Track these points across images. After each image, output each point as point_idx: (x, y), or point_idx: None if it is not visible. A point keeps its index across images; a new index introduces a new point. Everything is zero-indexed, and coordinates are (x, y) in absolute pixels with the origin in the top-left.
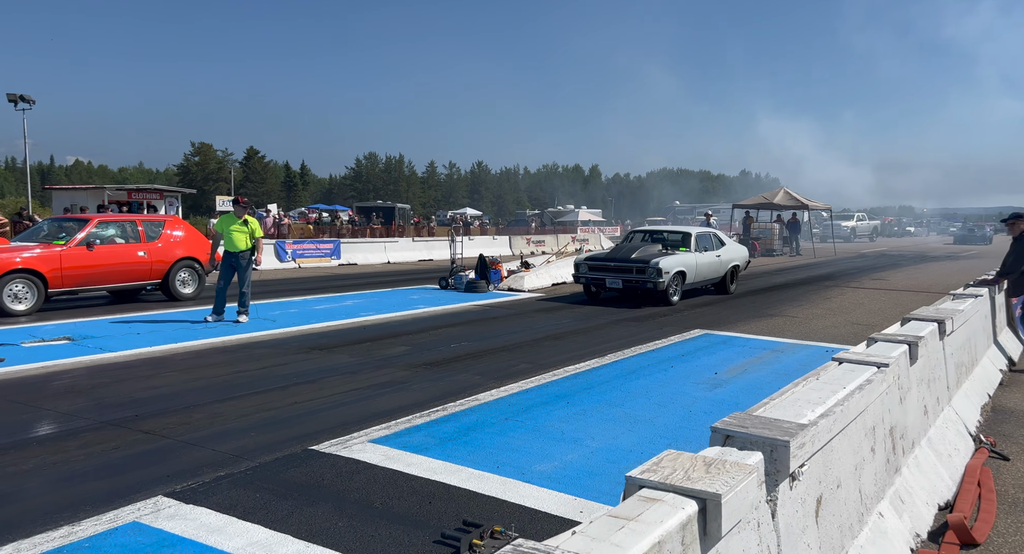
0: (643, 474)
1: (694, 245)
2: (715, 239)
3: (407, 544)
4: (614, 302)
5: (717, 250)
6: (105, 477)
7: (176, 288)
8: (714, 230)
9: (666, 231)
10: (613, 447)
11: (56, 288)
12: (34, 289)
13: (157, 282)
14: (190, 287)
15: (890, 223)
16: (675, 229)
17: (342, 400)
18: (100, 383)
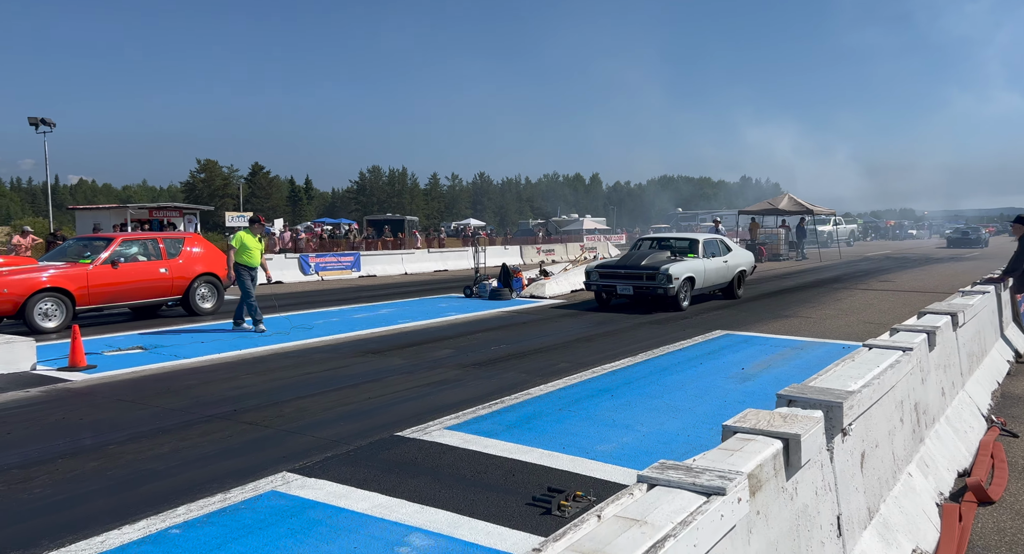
0: (736, 423)
1: (702, 251)
2: (722, 245)
3: (503, 506)
4: (626, 308)
5: (724, 256)
6: (232, 458)
7: (196, 303)
8: (720, 236)
9: (674, 238)
10: (662, 431)
11: (83, 305)
12: (63, 307)
13: (178, 298)
14: (210, 302)
15: (892, 226)
16: (683, 236)
17: (408, 395)
18: (190, 384)
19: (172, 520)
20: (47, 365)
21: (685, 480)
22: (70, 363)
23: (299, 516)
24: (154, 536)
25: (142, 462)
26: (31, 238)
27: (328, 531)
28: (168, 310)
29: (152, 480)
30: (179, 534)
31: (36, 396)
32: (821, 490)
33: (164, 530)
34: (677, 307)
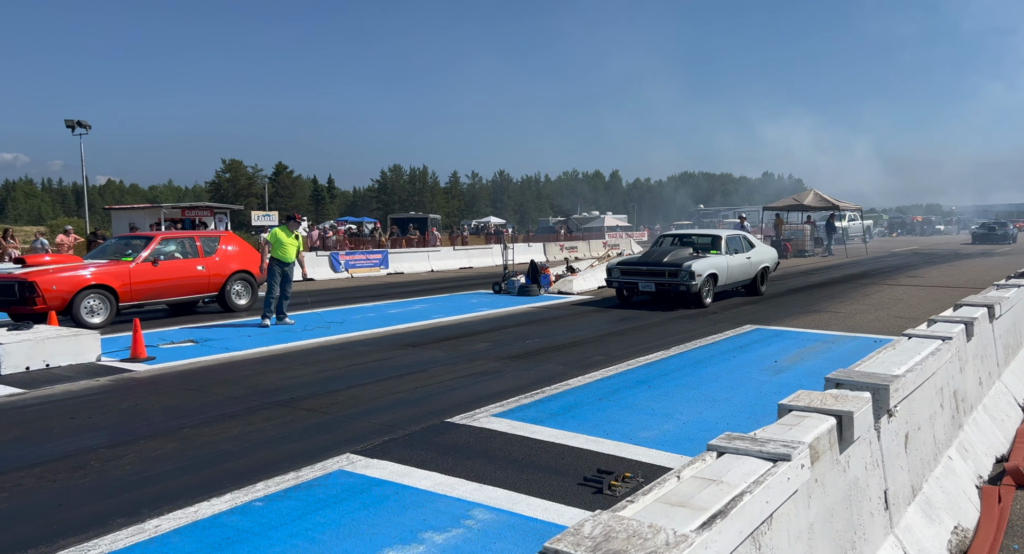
0: (791, 402)
1: (725, 248)
2: (745, 241)
3: (556, 485)
4: (651, 304)
5: (747, 252)
6: (297, 440)
7: (232, 300)
8: (744, 232)
9: (696, 235)
10: (701, 419)
11: (126, 302)
12: (107, 303)
13: (214, 295)
14: (244, 298)
15: (919, 222)
16: (705, 232)
17: (453, 385)
18: (245, 374)
19: (254, 494)
20: (110, 357)
21: (752, 448)
22: (132, 355)
23: (368, 492)
24: (240, 507)
25: (216, 443)
26: (73, 237)
27: (396, 505)
28: (204, 306)
29: (228, 460)
30: (263, 506)
31: (106, 384)
32: (870, 465)
33: (249, 502)
34: (700, 304)
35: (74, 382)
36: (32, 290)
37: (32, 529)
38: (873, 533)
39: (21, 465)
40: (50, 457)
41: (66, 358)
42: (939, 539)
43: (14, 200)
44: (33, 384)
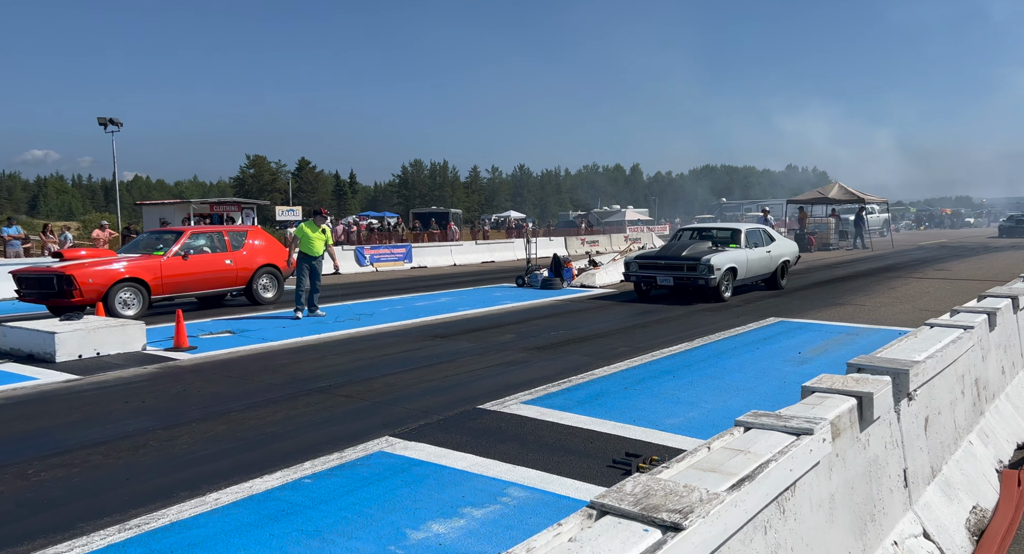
0: (814, 384)
1: (744, 241)
2: (765, 235)
3: (586, 467)
4: (672, 298)
5: (767, 246)
6: (338, 424)
7: (259, 293)
8: (763, 226)
9: (715, 228)
10: (725, 407)
11: (158, 295)
12: (140, 296)
13: (241, 288)
14: (271, 292)
15: (948, 215)
16: (724, 226)
17: (482, 374)
18: (283, 363)
19: (302, 472)
20: (154, 346)
21: (777, 424)
22: (175, 344)
23: (408, 471)
24: (291, 483)
25: (263, 426)
26: (108, 232)
27: (436, 483)
28: (232, 299)
29: (275, 441)
30: (312, 483)
31: (154, 372)
32: (889, 445)
33: (298, 479)
34: (718, 298)
35: (124, 369)
36: (70, 283)
37: (106, 499)
38: (892, 508)
39: (87, 443)
40: (112, 437)
41: (115, 347)
42: (957, 517)
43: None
44: (87, 371)
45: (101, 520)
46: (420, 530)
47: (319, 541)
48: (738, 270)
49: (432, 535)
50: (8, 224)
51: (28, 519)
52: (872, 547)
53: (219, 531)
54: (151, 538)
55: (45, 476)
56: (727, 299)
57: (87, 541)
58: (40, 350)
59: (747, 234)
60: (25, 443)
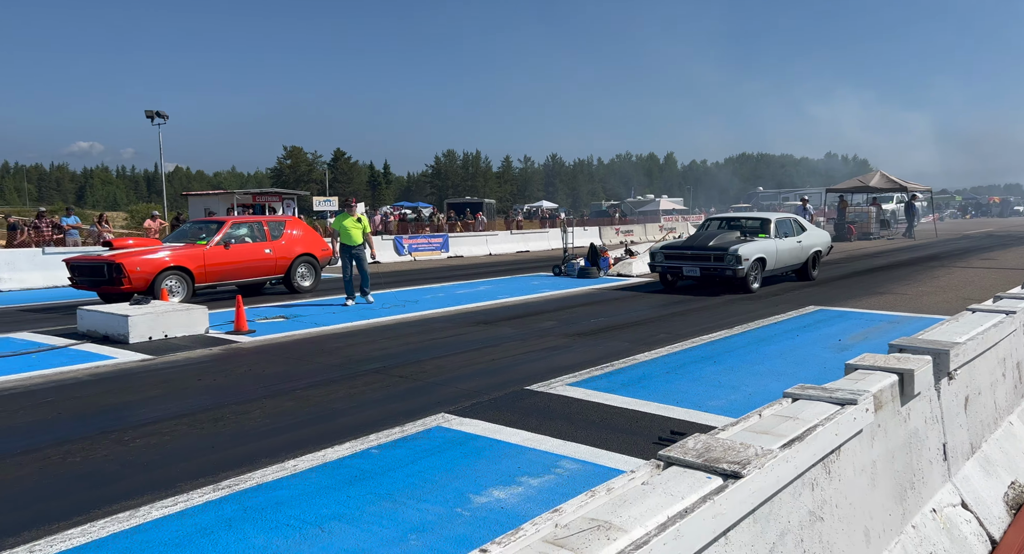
0: (857, 362)
1: (774, 231)
2: (795, 224)
3: (633, 443)
4: (702, 289)
5: (798, 236)
6: (396, 402)
7: (297, 281)
8: (795, 215)
9: (744, 218)
10: (766, 391)
11: (201, 283)
12: (184, 284)
13: (280, 277)
14: (308, 280)
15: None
16: (753, 215)
17: (526, 358)
18: (338, 346)
19: (368, 444)
20: (216, 329)
21: (823, 395)
22: (235, 328)
23: (466, 444)
24: (360, 453)
25: (327, 403)
26: (159, 222)
27: (493, 455)
28: (271, 288)
29: (340, 416)
30: (378, 454)
31: (219, 353)
32: (929, 420)
33: (366, 449)
34: (746, 289)
35: (191, 350)
36: (119, 271)
37: (197, 464)
38: (931, 478)
39: (172, 415)
40: (192, 410)
41: (180, 330)
42: (995, 491)
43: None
44: (158, 351)
45: (196, 481)
46: (482, 495)
47: (391, 503)
48: (767, 261)
49: (494, 500)
50: (67, 214)
51: (133, 478)
52: (912, 512)
53: (301, 492)
54: (243, 496)
55: (140, 443)
56: (755, 290)
57: (187, 497)
58: (115, 332)
59: (777, 223)
60: (117, 414)
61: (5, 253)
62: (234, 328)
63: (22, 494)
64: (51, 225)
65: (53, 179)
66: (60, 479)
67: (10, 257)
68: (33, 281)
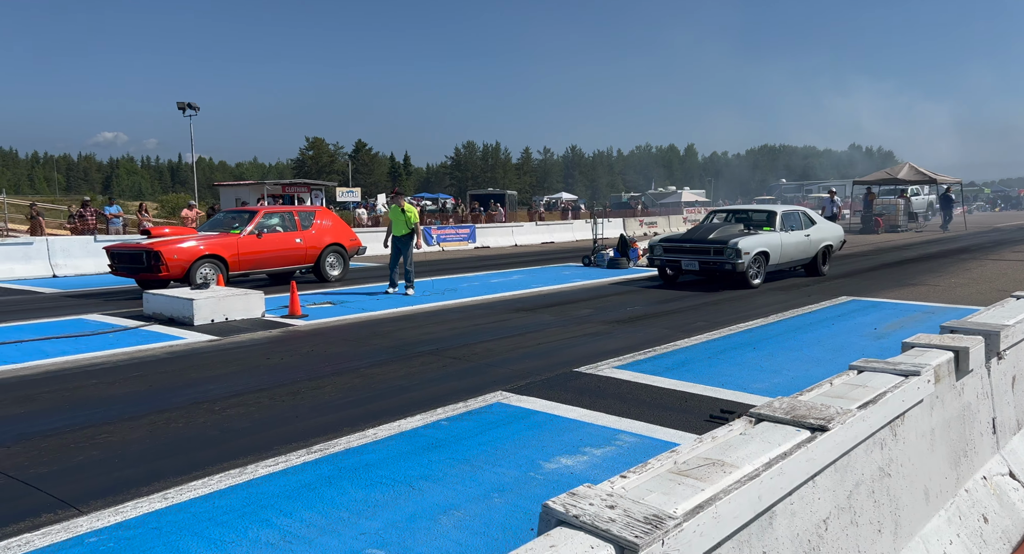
0: (912, 340)
1: (779, 224)
2: (804, 217)
3: (685, 420)
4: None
5: (806, 229)
6: (454, 380)
7: (326, 271)
8: (803, 208)
9: (750, 210)
10: (807, 376)
11: (234, 271)
12: (218, 272)
13: (309, 266)
14: (337, 269)
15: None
16: (758, 208)
17: (569, 343)
18: (388, 330)
19: (437, 416)
20: (271, 314)
21: (887, 368)
22: (290, 312)
23: (527, 419)
24: (432, 424)
25: (391, 381)
26: (195, 211)
27: (554, 428)
28: (300, 276)
29: (406, 392)
30: (447, 425)
31: (279, 335)
32: (980, 395)
33: (436, 421)
34: (747, 284)
35: (253, 332)
36: (158, 259)
37: (287, 431)
38: (982, 448)
39: (251, 389)
40: (269, 385)
41: (239, 313)
42: None
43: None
44: (223, 332)
45: (289, 445)
46: (551, 462)
47: (469, 467)
48: (770, 255)
49: (562, 466)
50: (110, 203)
51: (233, 441)
52: (964, 477)
53: (385, 456)
54: (335, 458)
55: (231, 412)
56: (756, 286)
57: (286, 459)
58: (180, 314)
59: (783, 216)
60: (202, 387)
61: (61, 241)
62: (288, 312)
63: (142, 453)
64: (95, 214)
65: (81, 169)
66: (170, 441)
67: (65, 244)
68: (86, 267)
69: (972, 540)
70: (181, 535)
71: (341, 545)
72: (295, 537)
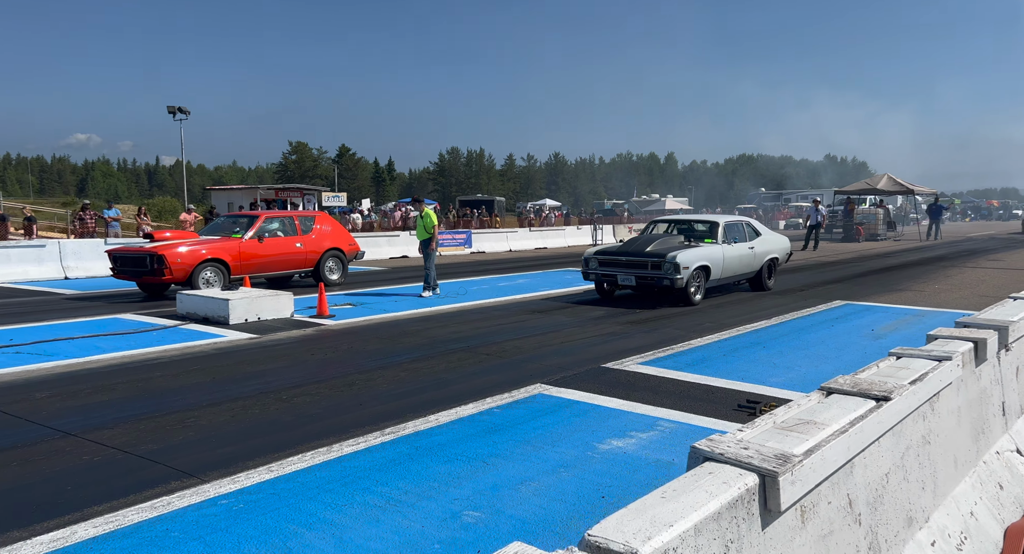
0: (936, 333)
1: (721, 236)
2: (748, 229)
3: (716, 409)
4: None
5: (751, 241)
6: (493, 374)
7: (325, 275)
8: (749, 219)
9: (692, 220)
10: (817, 372)
11: (236, 275)
12: (220, 275)
13: (309, 270)
14: (336, 274)
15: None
16: (701, 218)
17: (591, 342)
18: (416, 329)
19: (487, 405)
20: (300, 314)
21: (923, 354)
22: (317, 312)
23: (571, 408)
24: (484, 411)
25: (436, 374)
26: (194, 215)
27: (598, 416)
28: (300, 280)
29: (451, 384)
30: (500, 412)
31: (314, 334)
32: (993, 382)
33: (488, 409)
34: (687, 301)
35: (288, 331)
36: (161, 262)
37: (356, 416)
38: (994, 427)
39: (308, 381)
40: (322, 378)
41: (271, 313)
42: None
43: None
44: (259, 331)
45: (363, 428)
46: (604, 443)
47: (530, 447)
48: (711, 269)
49: (614, 446)
50: (108, 207)
51: (310, 425)
52: (983, 451)
53: (453, 438)
54: (408, 439)
55: (298, 401)
56: (697, 303)
57: (364, 439)
58: (215, 314)
59: (725, 228)
60: (261, 379)
61: (72, 244)
62: (316, 312)
63: (233, 433)
64: (95, 217)
65: (55, 171)
66: (253, 424)
67: (76, 247)
68: (97, 270)
69: (991, 503)
70: (299, 499)
71: (440, 508)
72: (397, 501)
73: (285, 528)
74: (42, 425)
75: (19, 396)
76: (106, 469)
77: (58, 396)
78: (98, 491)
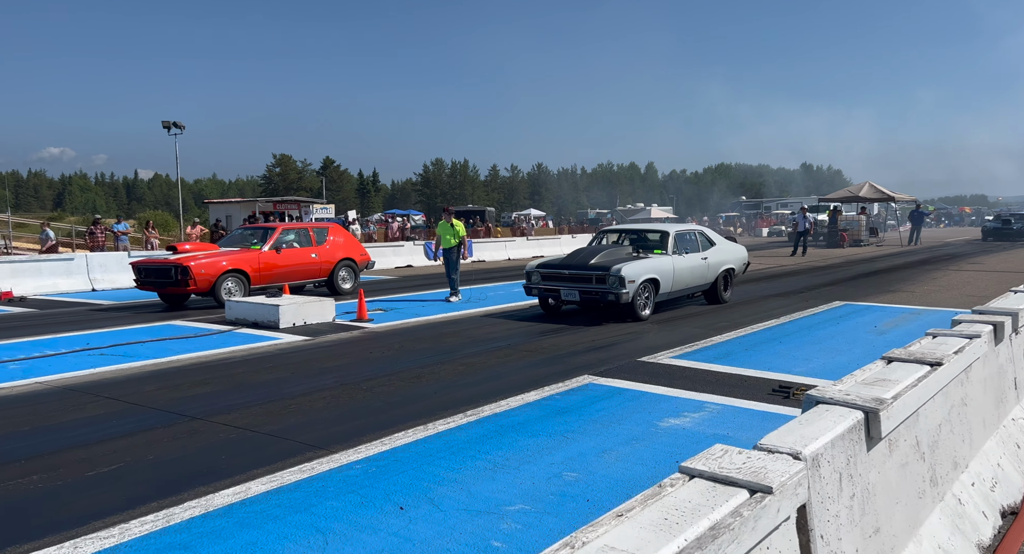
0: (959, 318)
1: (672, 246)
2: (702, 239)
3: (752, 394)
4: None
5: (703, 252)
6: (541, 367)
7: (339, 284)
8: (702, 229)
9: (643, 230)
10: (833, 363)
11: (256, 285)
12: (241, 286)
13: (323, 280)
14: (348, 283)
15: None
16: (651, 227)
17: (619, 339)
18: (452, 331)
19: (546, 393)
20: (340, 319)
21: (954, 333)
22: (358, 316)
23: (622, 395)
24: (547, 397)
25: (489, 367)
26: (199, 228)
27: (649, 400)
28: (314, 290)
29: (507, 376)
30: (560, 398)
31: (361, 335)
32: (1008, 359)
33: (550, 395)
34: (635, 317)
35: (336, 334)
36: (186, 273)
37: (436, 402)
38: (1009, 399)
39: (379, 375)
40: (391, 372)
41: (315, 317)
42: None
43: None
44: (310, 334)
45: (446, 411)
46: (663, 422)
47: (599, 425)
48: (661, 282)
49: (673, 425)
50: (118, 221)
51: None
52: (1003, 416)
53: (528, 419)
54: (490, 420)
55: (379, 390)
56: (645, 318)
57: (452, 419)
58: (265, 319)
59: (676, 238)
60: (333, 374)
61: (99, 257)
62: (356, 317)
63: (335, 416)
64: (105, 231)
65: (31, 185)
66: (350, 409)
67: (102, 260)
68: (121, 281)
69: (1012, 458)
70: (420, 463)
71: (541, 470)
72: (503, 465)
73: (419, 484)
74: (168, 411)
75: (131, 389)
76: (244, 444)
77: (164, 389)
78: (249, 459)
